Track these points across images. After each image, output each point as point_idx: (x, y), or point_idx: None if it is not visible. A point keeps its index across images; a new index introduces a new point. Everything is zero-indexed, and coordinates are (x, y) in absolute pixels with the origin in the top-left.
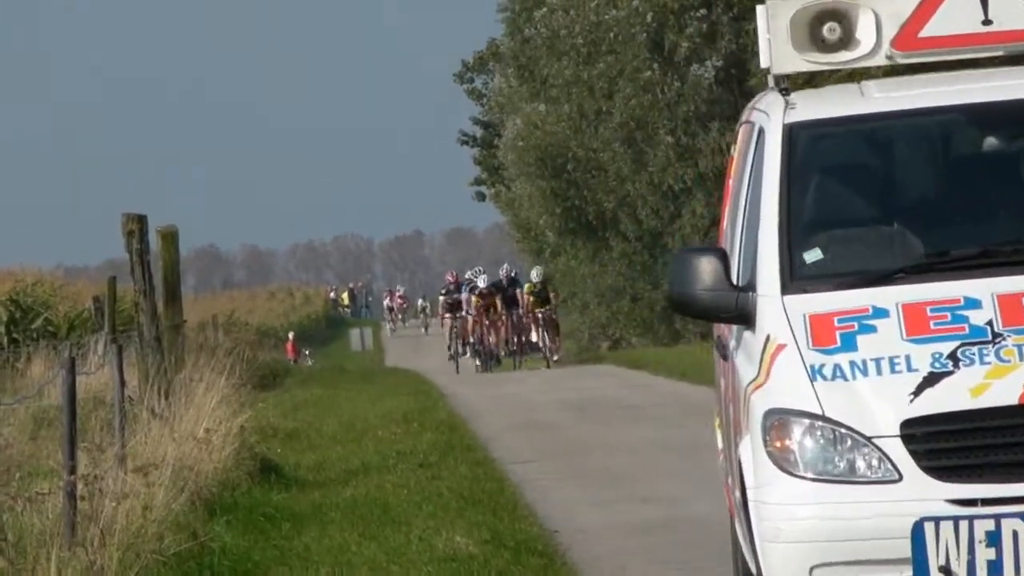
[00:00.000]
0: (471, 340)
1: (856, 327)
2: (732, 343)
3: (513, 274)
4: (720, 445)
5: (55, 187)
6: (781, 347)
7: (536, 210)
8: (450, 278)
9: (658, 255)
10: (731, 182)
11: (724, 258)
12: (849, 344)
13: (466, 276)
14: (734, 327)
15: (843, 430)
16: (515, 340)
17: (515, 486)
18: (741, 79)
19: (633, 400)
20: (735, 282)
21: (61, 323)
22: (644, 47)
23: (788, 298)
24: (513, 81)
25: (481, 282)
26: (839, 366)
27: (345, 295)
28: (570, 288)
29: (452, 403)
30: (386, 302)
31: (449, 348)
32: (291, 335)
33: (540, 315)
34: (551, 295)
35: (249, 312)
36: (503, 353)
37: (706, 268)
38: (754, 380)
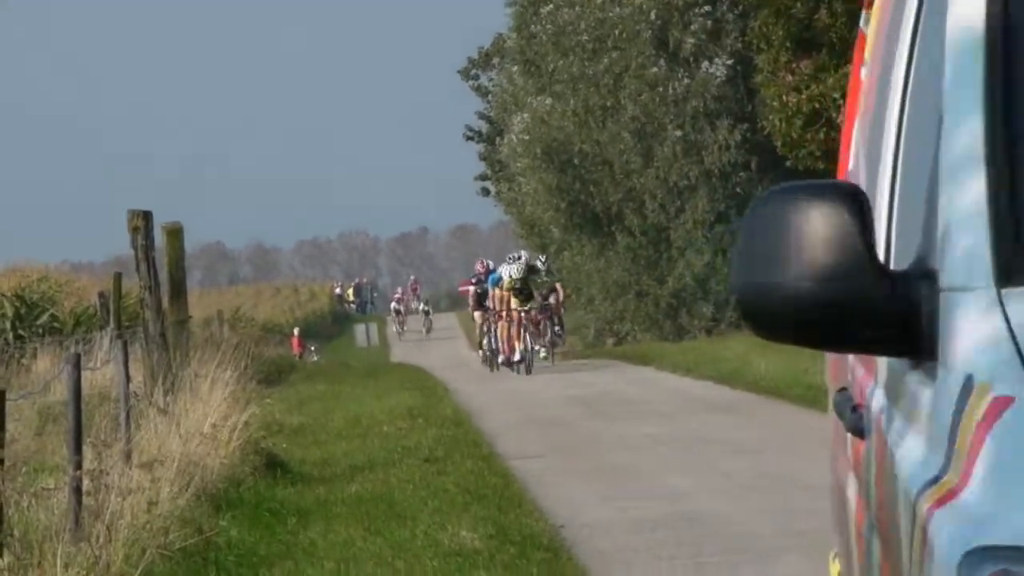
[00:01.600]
0: (502, 344)
1: None
2: (877, 397)
3: (541, 260)
4: None
5: (61, 183)
6: (1001, 404)
7: (542, 205)
8: (480, 268)
9: (663, 250)
10: (862, 72)
11: (863, 208)
12: None
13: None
14: (880, 362)
15: None
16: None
17: (520, 481)
18: (747, 75)
19: (639, 396)
20: (886, 262)
21: (67, 319)
22: (649, 44)
23: (1015, 293)
24: (518, 77)
25: (505, 272)
26: None
27: (350, 291)
28: (575, 284)
29: (457, 399)
30: (393, 304)
31: (481, 346)
32: (296, 331)
33: (522, 315)
34: (556, 290)
35: (254, 308)
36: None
37: (821, 228)
38: (939, 480)
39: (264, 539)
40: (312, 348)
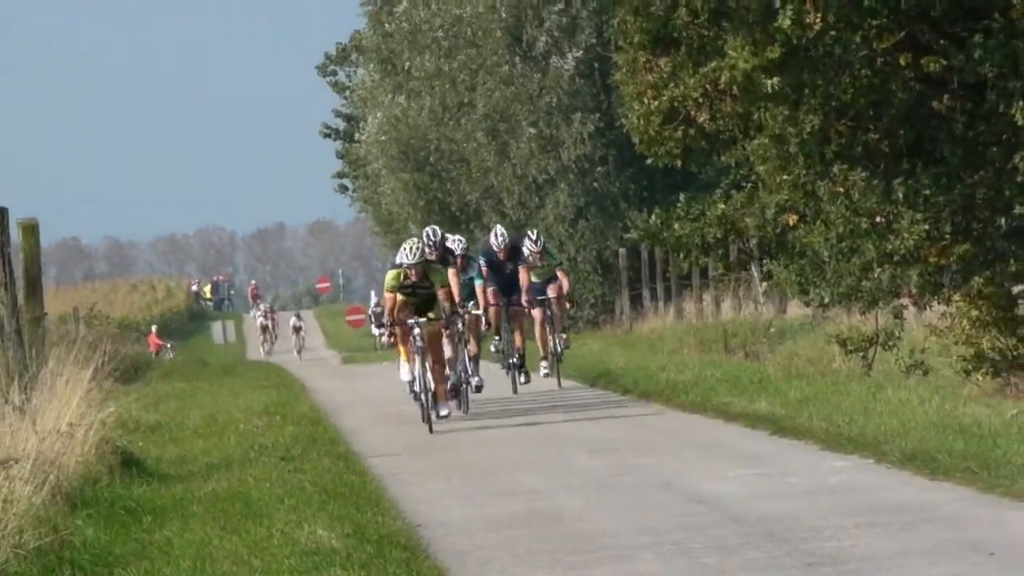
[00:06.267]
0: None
1: None
2: None
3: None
4: None
5: None
6: None
7: (399, 203)
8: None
9: None
10: None
11: None
12: None
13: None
14: None
15: None
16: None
17: (378, 479)
18: (604, 71)
19: (495, 394)
20: None
21: None
22: (503, 42)
23: None
24: (376, 74)
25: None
26: None
27: (207, 288)
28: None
29: (315, 397)
30: (260, 319)
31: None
32: (153, 328)
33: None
34: (558, 278)
35: (110, 305)
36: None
37: None
38: None
39: (120, 538)
40: (169, 346)
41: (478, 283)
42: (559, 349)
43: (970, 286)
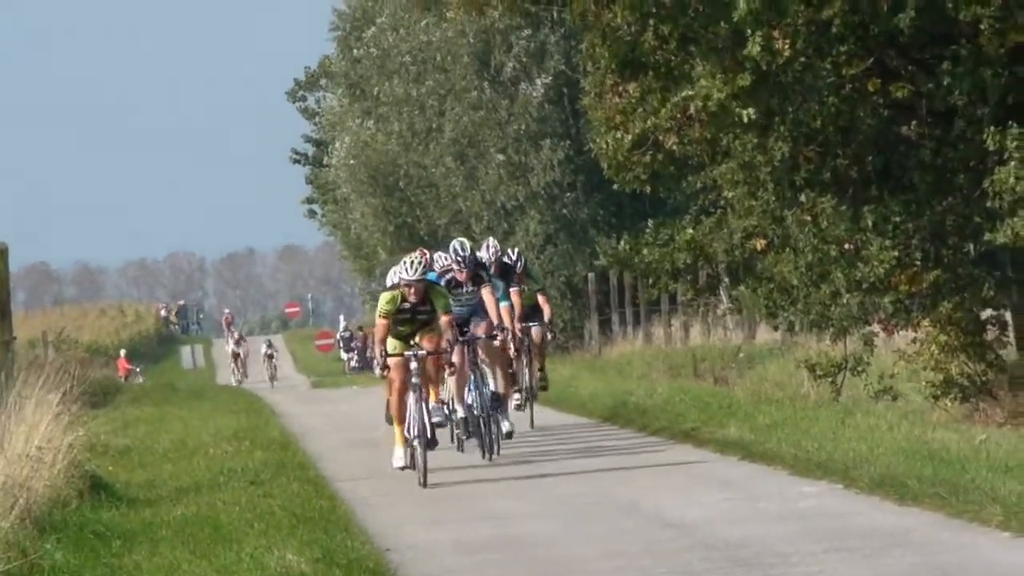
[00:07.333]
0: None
1: None
2: None
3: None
4: None
5: None
6: None
7: (368, 229)
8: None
9: None
10: None
11: None
12: None
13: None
14: None
15: None
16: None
17: (347, 504)
18: (573, 97)
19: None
20: None
21: None
22: (471, 67)
23: None
24: (344, 99)
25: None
26: None
27: (175, 312)
28: None
29: (284, 422)
30: (231, 347)
31: (404, 425)
32: (122, 352)
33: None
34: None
35: (79, 329)
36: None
37: None
38: None
39: (89, 562)
40: (138, 370)
41: (504, 304)
42: (535, 387)
43: (939, 312)
